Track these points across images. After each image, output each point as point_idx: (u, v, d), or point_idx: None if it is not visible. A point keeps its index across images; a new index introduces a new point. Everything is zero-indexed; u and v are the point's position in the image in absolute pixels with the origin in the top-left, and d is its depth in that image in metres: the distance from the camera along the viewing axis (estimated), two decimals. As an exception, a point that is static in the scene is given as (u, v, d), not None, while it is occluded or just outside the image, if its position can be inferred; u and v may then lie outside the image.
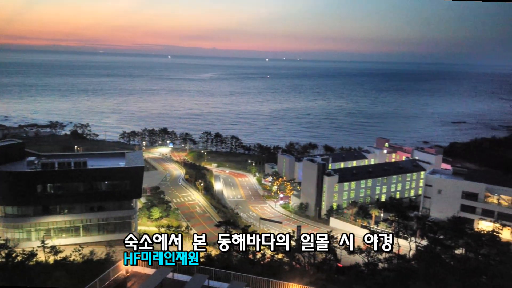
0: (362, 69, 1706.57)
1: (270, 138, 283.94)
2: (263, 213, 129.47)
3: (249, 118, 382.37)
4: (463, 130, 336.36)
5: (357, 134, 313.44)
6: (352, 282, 58.73)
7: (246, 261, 66.14)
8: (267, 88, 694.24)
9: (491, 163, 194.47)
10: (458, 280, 60.32)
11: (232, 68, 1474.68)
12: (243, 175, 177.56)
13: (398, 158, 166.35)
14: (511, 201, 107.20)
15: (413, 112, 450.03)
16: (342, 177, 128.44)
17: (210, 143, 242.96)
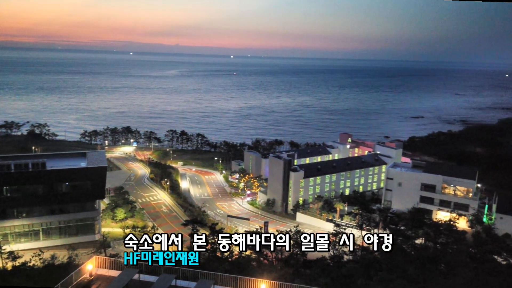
0: (327, 66, 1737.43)
1: (236, 135, 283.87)
2: (230, 210, 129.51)
3: (215, 115, 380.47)
4: (421, 125, 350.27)
5: (321, 130, 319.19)
6: (318, 275, 59.99)
7: (214, 259, 66.01)
8: (232, 85, 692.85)
9: (447, 155, 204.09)
10: (418, 269, 63.05)
11: (196, 65, 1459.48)
12: (209, 172, 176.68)
13: (360, 153, 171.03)
14: (466, 192, 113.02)
15: (374, 108, 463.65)
16: (308, 173, 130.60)
17: (176, 141, 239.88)
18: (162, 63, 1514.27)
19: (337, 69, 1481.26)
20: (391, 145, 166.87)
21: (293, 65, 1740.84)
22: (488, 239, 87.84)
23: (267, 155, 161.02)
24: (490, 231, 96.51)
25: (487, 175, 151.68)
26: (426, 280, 58.54)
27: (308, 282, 54.79)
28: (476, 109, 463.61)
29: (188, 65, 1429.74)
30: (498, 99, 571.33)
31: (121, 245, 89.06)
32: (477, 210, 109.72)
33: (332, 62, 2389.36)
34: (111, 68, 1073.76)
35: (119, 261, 42.26)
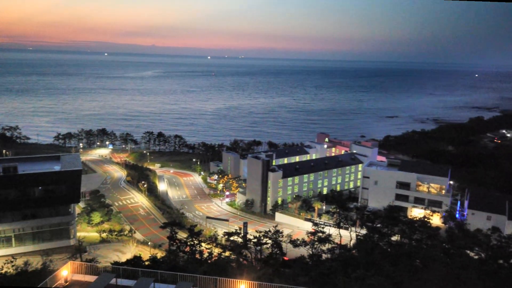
0: (304, 67, 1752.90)
1: (214, 136, 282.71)
2: (209, 211, 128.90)
3: (193, 116, 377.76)
4: (396, 124, 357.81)
5: (299, 130, 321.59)
6: (297, 274, 60.44)
7: (193, 261, 65.58)
8: (210, 86, 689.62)
9: (421, 154, 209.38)
10: (394, 265, 64.42)
11: (173, 65, 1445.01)
12: (188, 174, 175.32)
13: (337, 152, 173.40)
14: (439, 189, 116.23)
15: (350, 108, 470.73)
16: (286, 173, 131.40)
17: (153, 143, 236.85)
18: (137, 64, 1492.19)
19: (314, 70, 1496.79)
20: (367, 144, 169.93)
21: (270, 65, 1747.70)
22: (460, 235, 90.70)
23: (245, 155, 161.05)
24: (463, 227, 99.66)
25: (459, 172, 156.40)
26: (402, 276, 59.86)
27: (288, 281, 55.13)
28: (448, 108, 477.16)
29: (164, 65, 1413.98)
30: (468, 99, 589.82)
31: (97, 250, 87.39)
32: (450, 206, 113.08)
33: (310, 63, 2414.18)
34: (84, 69, 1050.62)
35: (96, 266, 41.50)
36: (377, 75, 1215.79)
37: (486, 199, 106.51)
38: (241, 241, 77.69)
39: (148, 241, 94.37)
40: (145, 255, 77.33)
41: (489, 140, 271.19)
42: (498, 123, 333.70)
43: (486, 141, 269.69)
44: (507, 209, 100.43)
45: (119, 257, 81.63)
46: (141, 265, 59.11)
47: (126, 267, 41.93)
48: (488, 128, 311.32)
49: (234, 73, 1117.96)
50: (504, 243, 79.19)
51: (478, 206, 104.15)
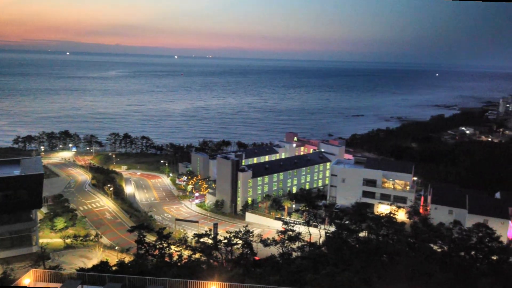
0: (273, 67, 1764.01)
1: (182, 137, 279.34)
2: (178, 213, 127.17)
3: (160, 117, 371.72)
4: (362, 123, 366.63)
5: (268, 130, 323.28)
6: (268, 274, 60.61)
7: (163, 264, 64.40)
8: (177, 86, 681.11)
9: (386, 151, 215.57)
10: (362, 261, 65.87)
11: (139, 65, 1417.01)
12: (156, 176, 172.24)
13: (306, 151, 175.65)
14: (404, 185, 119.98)
15: (318, 107, 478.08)
16: (256, 172, 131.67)
17: (119, 145, 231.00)
18: (101, 63, 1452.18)
19: (283, 69, 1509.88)
20: (335, 143, 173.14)
21: (238, 65, 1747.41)
22: (424, 229, 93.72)
23: (214, 156, 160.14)
24: (426, 221, 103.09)
25: (422, 168, 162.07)
26: (370, 271, 61.28)
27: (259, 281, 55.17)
28: (411, 107, 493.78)
29: (129, 65, 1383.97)
30: (430, 97, 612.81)
31: (62, 256, 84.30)
32: (414, 202, 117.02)
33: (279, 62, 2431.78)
34: (45, 69, 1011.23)
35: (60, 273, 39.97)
36: (345, 75, 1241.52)
37: (448, 194, 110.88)
38: (212, 243, 77.12)
39: (115, 245, 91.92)
40: (112, 260, 75.27)
41: (450, 137, 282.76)
42: (458, 120, 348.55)
43: (447, 138, 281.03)
44: (467, 203, 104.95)
45: (84, 263, 79.01)
46: (108, 270, 57.42)
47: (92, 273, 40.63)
48: (448, 125, 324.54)
49: (202, 73, 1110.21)
50: (465, 235, 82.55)
51: (440, 201, 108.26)
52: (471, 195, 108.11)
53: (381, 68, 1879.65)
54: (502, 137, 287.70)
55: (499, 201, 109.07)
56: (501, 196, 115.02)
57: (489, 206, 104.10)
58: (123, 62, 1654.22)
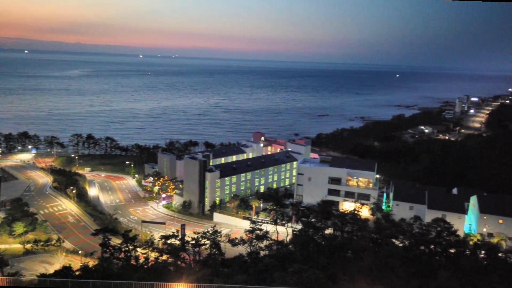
0: (239, 67, 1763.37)
1: (148, 137, 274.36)
2: (145, 215, 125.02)
3: (125, 117, 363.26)
4: (327, 122, 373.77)
5: (235, 130, 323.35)
6: (236, 273, 60.95)
7: (129, 268, 63.32)
8: (143, 86, 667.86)
9: (350, 150, 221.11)
10: (328, 258, 67.50)
11: (102, 64, 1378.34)
12: (121, 177, 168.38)
13: (273, 151, 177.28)
14: (367, 183, 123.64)
15: (284, 107, 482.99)
16: (223, 172, 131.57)
17: (82, 146, 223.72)
18: (62, 62, 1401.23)
19: (249, 70, 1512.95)
20: (301, 142, 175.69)
21: (205, 65, 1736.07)
22: (387, 225, 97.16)
23: (181, 156, 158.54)
24: (389, 217, 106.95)
25: (384, 166, 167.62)
26: (335, 267, 62.93)
27: (227, 281, 55.41)
28: (373, 107, 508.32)
29: (92, 64, 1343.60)
30: (391, 97, 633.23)
31: (21, 262, 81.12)
32: (377, 199, 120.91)
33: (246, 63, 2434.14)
34: (2, 67, 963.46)
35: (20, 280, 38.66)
36: (311, 75, 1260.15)
37: (408, 191, 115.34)
38: (179, 244, 76.52)
39: (79, 249, 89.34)
40: (75, 264, 73.23)
41: (410, 136, 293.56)
42: (417, 120, 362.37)
43: (407, 136, 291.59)
44: (426, 199, 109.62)
45: (46, 269, 76.29)
46: (71, 275, 55.81)
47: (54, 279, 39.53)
48: (408, 124, 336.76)
49: (168, 72, 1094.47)
50: (424, 230, 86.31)
51: (401, 197, 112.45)
52: (430, 192, 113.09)
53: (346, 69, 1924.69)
54: (458, 135, 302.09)
55: (456, 197, 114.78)
56: (458, 192, 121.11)
57: (447, 202, 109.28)
58: (86, 61, 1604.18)
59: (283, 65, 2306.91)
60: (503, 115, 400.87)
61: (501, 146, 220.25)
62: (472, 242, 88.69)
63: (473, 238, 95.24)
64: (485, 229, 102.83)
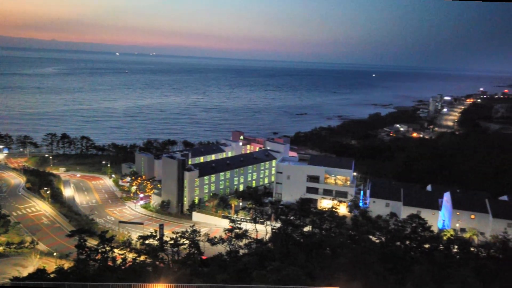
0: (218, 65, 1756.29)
1: (125, 136, 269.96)
2: (122, 216, 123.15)
3: (101, 116, 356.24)
4: (305, 121, 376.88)
5: (214, 129, 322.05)
6: (216, 272, 60.86)
7: (106, 269, 62.32)
8: (120, 84, 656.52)
9: (328, 148, 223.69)
10: (306, 255, 68.19)
11: (78, 62, 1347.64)
12: (97, 177, 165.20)
13: (252, 149, 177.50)
14: (345, 180, 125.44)
15: (263, 106, 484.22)
16: (202, 171, 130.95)
17: (56, 146, 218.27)
18: (36, 59, 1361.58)
19: (228, 68, 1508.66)
20: (280, 141, 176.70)
21: (183, 63, 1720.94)
22: (364, 221, 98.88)
23: (160, 156, 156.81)
24: (366, 214, 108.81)
25: (361, 164, 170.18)
26: (314, 265, 63.63)
27: (206, 280, 55.33)
28: (350, 106, 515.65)
29: (67, 62, 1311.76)
30: (367, 96, 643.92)
31: None
32: (354, 196, 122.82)
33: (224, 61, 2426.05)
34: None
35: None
36: (290, 74, 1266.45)
37: (385, 188, 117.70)
38: (157, 244, 75.78)
39: (54, 251, 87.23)
40: (50, 267, 71.55)
41: (386, 134, 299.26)
42: (393, 118, 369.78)
43: (383, 135, 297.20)
44: (402, 196, 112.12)
45: (19, 272, 74.25)
46: (46, 278, 54.53)
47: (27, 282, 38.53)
48: (384, 123, 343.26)
49: (146, 70, 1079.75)
50: (400, 226, 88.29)
51: (378, 195, 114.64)
52: (405, 189, 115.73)
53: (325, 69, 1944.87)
54: (432, 133, 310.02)
55: (430, 193, 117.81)
56: (432, 189, 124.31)
57: (421, 198, 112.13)
58: (60, 58, 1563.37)
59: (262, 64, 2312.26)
60: (474, 113, 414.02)
61: (472, 143, 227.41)
62: (446, 237, 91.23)
63: (446, 233, 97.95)
64: (458, 224, 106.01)
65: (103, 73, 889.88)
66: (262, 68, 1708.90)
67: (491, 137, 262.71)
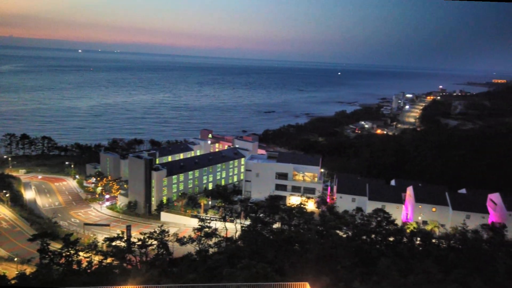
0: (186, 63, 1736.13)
1: (90, 136, 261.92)
2: (87, 218, 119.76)
3: (64, 116, 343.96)
4: (273, 119, 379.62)
5: (182, 127, 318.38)
6: (185, 272, 60.40)
7: (71, 273, 60.47)
8: (83, 82, 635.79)
9: (296, 145, 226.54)
10: (276, 251, 68.90)
11: (38, 59, 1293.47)
12: (60, 179, 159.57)
13: (221, 148, 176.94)
14: (312, 177, 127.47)
15: (231, 104, 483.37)
16: (170, 171, 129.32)
17: (16, 147, 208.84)
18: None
19: (196, 66, 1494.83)
20: (248, 139, 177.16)
21: (149, 61, 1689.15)
22: (331, 217, 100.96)
23: (126, 155, 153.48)
24: (333, 209, 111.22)
25: (328, 160, 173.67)
26: (283, 261, 64.40)
27: (175, 280, 54.85)
28: (317, 103, 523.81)
29: (26, 59, 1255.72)
30: (333, 94, 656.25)
31: None
32: (322, 192, 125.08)
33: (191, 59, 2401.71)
34: None
35: None
36: (257, 72, 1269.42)
37: (351, 183, 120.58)
38: (125, 245, 74.28)
39: (14, 257, 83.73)
40: (11, 273, 68.69)
41: (351, 131, 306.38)
42: (358, 115, 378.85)
43: (349, 131, 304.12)
44: (367, 191, 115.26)
45: (-23, 280, 70.71)
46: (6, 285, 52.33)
47: (-14, 290, 36.82)
48: (350, 120, 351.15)
49: (110, 68, 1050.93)
50: (366, 220, 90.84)
51: (344, 190, 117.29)
52: (370, 184, 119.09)
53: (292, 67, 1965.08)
54: (395, 130, 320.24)
55: (394, 188, 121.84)
56: (396, 183, 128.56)
57: (386, 193, 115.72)
58: (19, 55, 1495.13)
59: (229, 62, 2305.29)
60: (434, 110, 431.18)
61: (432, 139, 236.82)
62: (409, 230, 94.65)
63: (409, 226, 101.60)
64: (420, 217, 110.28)
65: (65, 71, 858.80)
66: (231, 66, 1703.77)
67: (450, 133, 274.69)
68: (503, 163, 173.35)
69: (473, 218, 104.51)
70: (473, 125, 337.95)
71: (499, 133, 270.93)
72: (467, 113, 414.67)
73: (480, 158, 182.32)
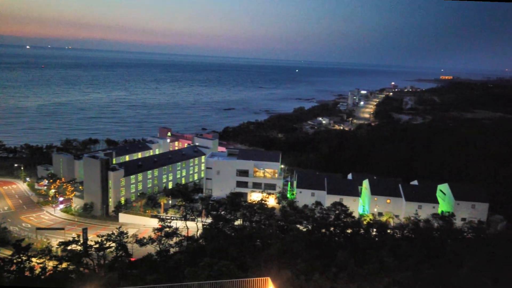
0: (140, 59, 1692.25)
1: (40, 136, 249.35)
2: (40, 222, 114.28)
3: (11, 116, 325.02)
4: (233, 116, 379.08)
5: (140, 126, 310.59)
6: (145, 273, 59.34)
7: (23, 280, 57.61)
8: (32, 80, 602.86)
9: (256, 142, 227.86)
10: (238, 248, 69.25)
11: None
12: (9, 182, 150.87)
13: (181, 146, 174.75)
14: (273, 173, 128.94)
15: (190, 101, 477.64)
16: (128, 170, 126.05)
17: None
18: None
19: (154, 63, 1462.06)
20: (208, 136, 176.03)
21: (103, 58, 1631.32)
22: (292, 212, 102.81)
23: (80, 156, 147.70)
24: (293, 204, 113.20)
25: (288, 156, 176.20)
26: (245, 257, 64.88)
27: (136, 282, 53.81)
28: (276, 100, 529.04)
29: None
30: (292, 91, 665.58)
31: None
32: (282, 188, 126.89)
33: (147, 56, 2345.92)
34: None
35: None
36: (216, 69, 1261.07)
37: (310, 178, 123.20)
38: (81, 249, 71.76)
39: (-41, 267, 78.37)
40: (-45, 284, 64.22)
41: (309, 127, 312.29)
42: (315, 112, 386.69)
43: (307, 128, 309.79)
44: (326, 185, 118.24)
45: None
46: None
47: None
48: (308, 116, 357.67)
49: (61, 65, 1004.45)
50: (324, 214, 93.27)
51: (304, 185, 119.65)
52: (329, 178, 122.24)
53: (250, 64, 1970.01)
54: (351, 125, 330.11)
55: (351, 181, 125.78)
56: (353, 177, 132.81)
57: (343, 187, 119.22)
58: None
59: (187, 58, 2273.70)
60: (387, 106, 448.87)
61: (385, 134, 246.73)
62: (366, 221, 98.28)
63: (366, 218, 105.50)
64: (376, 209, 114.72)
65: (11, 68, 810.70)
66: (187, 63, 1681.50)
67: (402, 127, 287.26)
68: (451, 155, 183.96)
69: (425, 208, 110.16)
70: (423, 119, 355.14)
71: (447, 127, 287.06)
72: (417, 108, 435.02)
73: (430, 150, 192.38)
